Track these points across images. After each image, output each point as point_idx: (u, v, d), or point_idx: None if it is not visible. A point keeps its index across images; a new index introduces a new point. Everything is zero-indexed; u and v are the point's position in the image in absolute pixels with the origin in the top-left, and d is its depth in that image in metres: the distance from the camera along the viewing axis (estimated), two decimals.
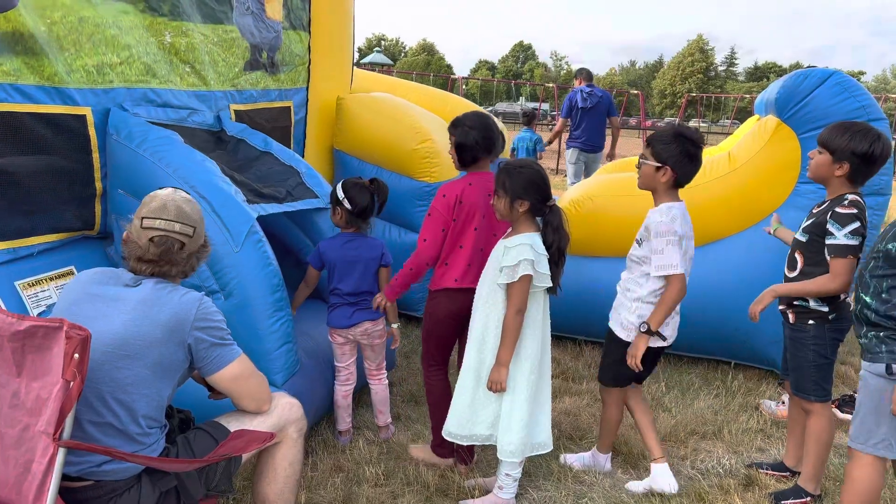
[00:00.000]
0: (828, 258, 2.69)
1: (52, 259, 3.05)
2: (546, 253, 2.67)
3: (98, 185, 3.19)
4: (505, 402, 2.72)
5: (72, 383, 1.67)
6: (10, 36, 2.73)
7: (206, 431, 2.14)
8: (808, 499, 2.90)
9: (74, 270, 3.10)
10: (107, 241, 3.35)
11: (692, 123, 39.55)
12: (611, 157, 7.98)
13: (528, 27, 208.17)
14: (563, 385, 4.09)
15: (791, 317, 2.86)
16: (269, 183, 3.42)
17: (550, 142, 8.84)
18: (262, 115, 4.10)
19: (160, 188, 2.16)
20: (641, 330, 2.76)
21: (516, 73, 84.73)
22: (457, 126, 2.98)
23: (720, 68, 79.36)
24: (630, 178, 4.72)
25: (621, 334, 2.89)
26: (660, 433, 3.49)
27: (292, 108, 4.37)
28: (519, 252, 2.60)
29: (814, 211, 2.83)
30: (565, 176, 9.73)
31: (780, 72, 70.89)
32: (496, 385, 2.65)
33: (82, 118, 3.05)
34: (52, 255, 3.07)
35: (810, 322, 2.80)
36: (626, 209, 4.23)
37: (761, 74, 77.95)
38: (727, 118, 44.50)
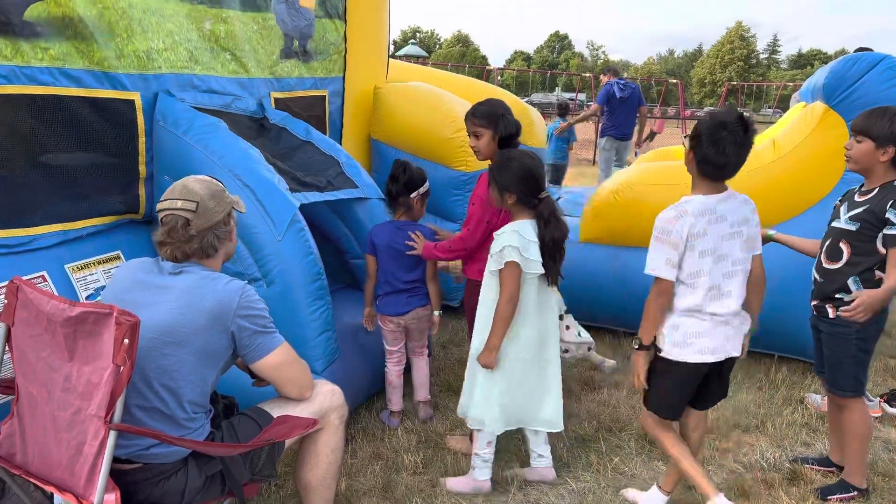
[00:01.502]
0: (880, 248, 2.60)
1: (100, 243, 3.12)
2: (536, 240, 2.66)
3: (143, 169, 3.24)
4: (486, 378, 2.78)
5: (122, 368, 1.70)
6: (60, 20, 2.78)
7: (249, 417, 2.16)
8: (855, 493, 2.83)
9: (121, 255, 3.17)
10: (152, 226, 3.42)
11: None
12: (638, 144, 8.76)
13: (564, 17, 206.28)
14: (601, 376, 4.06)
15: (831, 311, 2.74)
16: (310, 172, 3.44)
17: (573, 123, 9.28)
18: (298, 103, 4.13)
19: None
20: (635, 346, 2.52)
21: (552, 63, 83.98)
22: (497, 118, 2.96)
23: (762, 56, 77.56)
24: (670, 166, 4.64)
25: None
26: None
27: (327, 97, 4.39)
28: (504, 239, 2.65)
29: (858, 199, 2.71)
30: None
31: (825, 59, 68.89)
32: (485, 366, 2.73)
33: (131, 103, 3.10)
34: (99, 239, 3.14)
35: None
36: (665, 198, 4.14)
37: (805, 62, 75.93)
38: (769, 107, 43.48)
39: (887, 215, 2.56)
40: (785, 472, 3.05)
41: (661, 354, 2.49)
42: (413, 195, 3.26)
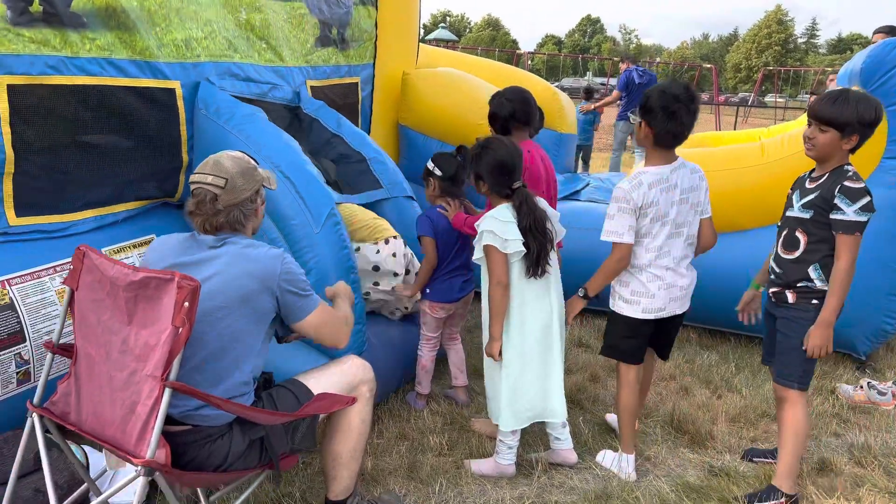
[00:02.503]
0: (834, 234, 2.51)
1: (135, 227, 3.21)
2: (513, 220, 2.68)
3: (185, 156, 3.32)
4: (492, 373, 2.84)
5: (181, 329, 1.79)
6: (104, 11, 2.85)
7: (288, 389, 2.26)
8: (784, 500, 2.67)
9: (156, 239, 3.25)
10: (184, 209, 3.48)
11: (769, 98, 37.96)
12: None
13: (596, 0, 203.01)
14: None
15: (791, 296, 2.64)
16: (336, 171, 3.48)
17: (597, 106, 9.78)
18: (333, 91, 4.16)
19: None
20: (579, 294, 2.81)
21: (583, 47, 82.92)
22: (494, 98, 3.17)
23: (800, 40, 75.65)
24: (702, 153, 4.59)
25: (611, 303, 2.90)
26: (729, 414, 3.43)
27: (359, 84, 4.42)
28: (482, 225, 2.71)
29: (809, 186, 2.62)
30: (633, 153, 10.26)
31: (865, 43, 66.58)
32: (490, 357, 2.79)
33: (171, 91, 3.17)
34: (134, 223, 3.23)
35: (814, 302, 2.59)
36: None
37: (845, 46, 73.83)
38: (806, 92, 42.45)
39: (835, 200, 2.48)
40: (814, 462, 3.03)
41: (612, 308, 2.85)
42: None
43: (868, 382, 3.68)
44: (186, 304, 1.78)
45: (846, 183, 2.48)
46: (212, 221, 2.09)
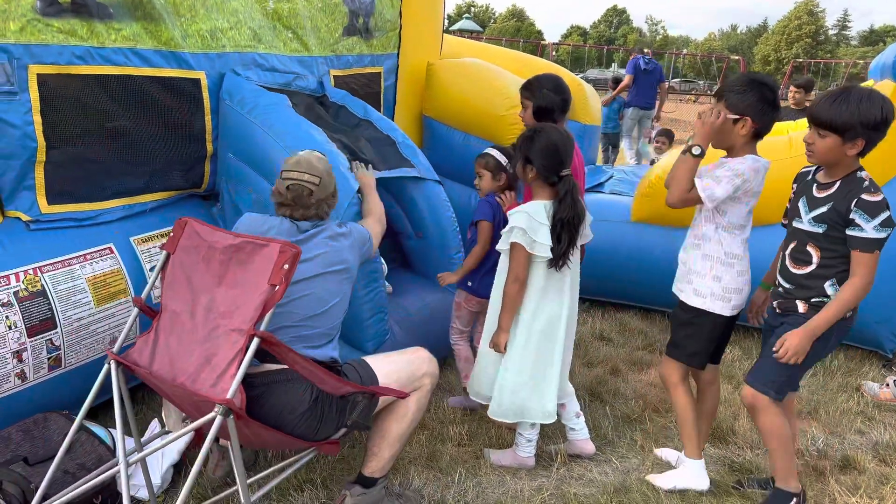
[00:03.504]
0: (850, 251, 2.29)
1: (162, 217, 3.26)
2: (547, 223, 2.64)
3: (209, 146, 3.36)
4: (500, 366, 2.82)
5: (277, 287, 1.98)
6: (130, 2, 2.89)
7: (354, 368, 2.42)
8: (794, 501, 2.54)
9: None
10: (211, 201, 3.53)
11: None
12: (657, 118, 10.02)
13: None
14: (649, 357, 4.04)
15: (802, 306, 2.40)
16: (367, 149, 3.49)
17: (616, 94, 9.95)
18: (356, 80, 4.17)
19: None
20: (695, 153, 2.47)
21: (609, 38, 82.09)
22: (532, 89, 3.04)
23: (831, 32, 74.17)
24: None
25: (695, 302, 2.64)
26: None
27: (382, 74, 4.42)
28: (514, 219, 2.67)
29: (818, 195, 2.37)
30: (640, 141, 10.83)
31: None
32: (495, 347, 2.78)
33: (197, 82, 3.21)
34: (161, 213, 3.27)
35: None
36: None
37: (877, 38, 72.24)
38: (836, 85, 41.66)
39: (852, 216, 2.25)
40: (837, 460, 3.00)
41: (697, 306, 2.62)
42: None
43: (894, 380, 3.63)
44: (286, 266, 1.98)
45: (864, 196, 2.23)
46: (306, 213, 2.41)
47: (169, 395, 2.21)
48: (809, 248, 2.39)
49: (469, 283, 3.29)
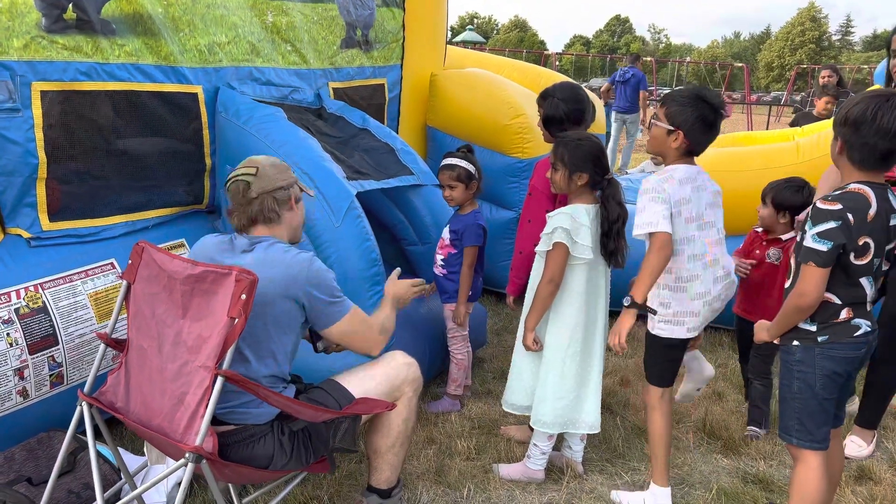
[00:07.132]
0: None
1: (165, 232, 3.25)
2: (589, 224, 2.63)
3: (208, 160, 3.35)
4: (540, 373, 2.77)
5: (236, 320, 1.83)
6: (131, 17, 2.89)
7: (325, 391, 2.23)
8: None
9: (185, 243, 3.28)
10: (214, 215, 3.51)
11: (800, 97, 37.21)
12: (643, 122, 10.68)
13: (625, 0, 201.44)
14: None
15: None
16: (367, 160, 3.48)
17: (606, 103, 10.66)
18: (358, 92, 4.17)
19: None
20: (625, 304, 2.43)
21: (612, 47, 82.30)
22: (546, 98, 3.01)
23: (834, 38, 74.19)
24: (733, 153, 4.50)
25: (649, 325, 2.63)
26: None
27: (386, 86, 4.42)
28: (557, 220, 2.64)
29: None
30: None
31: None
32: (526, 347, 2.76)
33: (194, 96, 3.21)
34: (164, 228, 3.26)
35: (795, 343, 2.16)
36: (730, 184, 4.03)
37: (881, 43, 72.15)
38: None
39: (805, 226, 2.05)
40: (852, 470, 2.94)
41: (649, 329, 2.61)
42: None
43: None
44: (244, 296, 1.82)
45: (818, 202, 2.03)
46: (247, 213, 2.11)
47: (147, 437, 2.08)
48: (792, 261, 2.21)
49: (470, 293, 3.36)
